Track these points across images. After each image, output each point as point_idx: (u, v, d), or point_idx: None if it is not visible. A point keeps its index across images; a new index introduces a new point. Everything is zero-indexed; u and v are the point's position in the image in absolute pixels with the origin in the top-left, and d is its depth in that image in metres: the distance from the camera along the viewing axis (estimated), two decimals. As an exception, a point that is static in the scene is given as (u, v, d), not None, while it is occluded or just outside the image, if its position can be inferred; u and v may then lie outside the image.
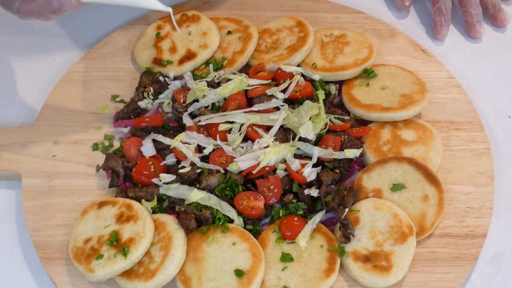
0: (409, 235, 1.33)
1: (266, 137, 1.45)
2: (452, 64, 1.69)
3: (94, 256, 1.30)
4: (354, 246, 1.34)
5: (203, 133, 1.48)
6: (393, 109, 1.50)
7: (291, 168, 1.41)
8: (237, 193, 1.40)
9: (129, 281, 1.29)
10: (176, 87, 1.57)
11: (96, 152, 1.52)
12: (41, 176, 1.47)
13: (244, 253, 1.32)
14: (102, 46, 1.69)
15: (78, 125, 1.56)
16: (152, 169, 1.44)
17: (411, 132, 1.50)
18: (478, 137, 1.52)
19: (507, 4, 1.79)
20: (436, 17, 1.73)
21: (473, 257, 1.36)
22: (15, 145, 1.52)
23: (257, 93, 1.52)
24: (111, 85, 1.62)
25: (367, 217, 1.37)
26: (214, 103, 1.53)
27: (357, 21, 1.73)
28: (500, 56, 1.71)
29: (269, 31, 1.68)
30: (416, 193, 1.40)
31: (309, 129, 1.45)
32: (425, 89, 1.54)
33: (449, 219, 1.41)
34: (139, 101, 1.57)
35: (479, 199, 1.43)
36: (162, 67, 1.61)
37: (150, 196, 1.42)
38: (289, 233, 1.35)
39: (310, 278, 1.31)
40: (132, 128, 1.53)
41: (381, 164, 1.44)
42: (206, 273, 1.31)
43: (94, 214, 1.38)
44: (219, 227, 1.36)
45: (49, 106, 1.58)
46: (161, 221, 1.36)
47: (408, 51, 1.67)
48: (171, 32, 1.67)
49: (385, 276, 1.30)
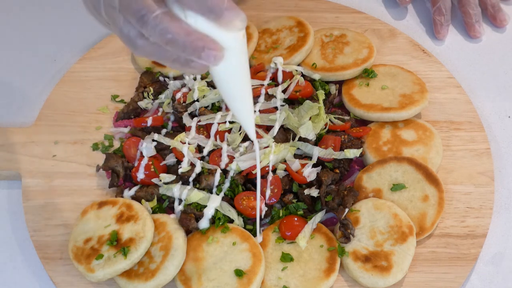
0: (409, 235, 1.34)
1: (266, 137, 1.45)
2: (452, 64, 1.69)
3: (94, 256, 1.30)
4: (354, 246, 1.34)
5: (203, 133, 1.48)
6: (393, 109, 1.50)
7: (291, 168, 1.41)
8: (237, 193, 1.40)
9: (129, 281, 1.29)
10: (176, 87, 1.57)
11: (96, 152, 1.52)
12: (41, 176, 1.47)
13: (244, 253, 1.32)
14: (102, 46, 1.69)
15: (78, 125, 1.56)
16: (152, 169, 1.44)
17: (411, 132, 1.50)
18: (478, 137, 1.52)
19: (507, 4, 1.79)
20: (436, 16, 1.73)
21: (473, 257, 1.36)
22: (15, 145, 1.52)
23: (257, 93, 1.52)
24: (111, 85, 1.62)
25: (367, 217, 1.37)
26: (214, 103, 1.53)
27: (357, 21, 1.73)
28: (500, 56, 1.71)
29: (269, 31, 1.68)
30: (416, 193, 1.40)
31: (309, 129, 1.45)
32: (425, 89, 1.54)
33: (449, 219, 1.41)
34: (139, 101, 1.57)
35: (479, 199, 1.43)
36: (162, 67, 1.61)
37: (150, 196, 1.42)
38: (289, 233, 1.35)
39: (310, 278, 1.31)
40: (132, 128, 1.53)
41: (381, 164, 1.44)
42: (206, 273, 1.31)
43: (94, 214, 1.38)
44: (219, 227, 1.36)
45: (49, 106, 1.58)
46: (161, 221, 1.36)
47: (408, 51, 1.67)
48: (171, 32, 1.67)
49: (385, 276, 1.30)
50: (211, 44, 1.02)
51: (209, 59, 1.03)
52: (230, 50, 1.04)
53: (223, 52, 1.03)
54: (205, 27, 1.02)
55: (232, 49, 1.04)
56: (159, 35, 1.02)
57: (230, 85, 1.10)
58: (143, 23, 1.02)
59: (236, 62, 1.07)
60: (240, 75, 1.09)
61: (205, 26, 1.02)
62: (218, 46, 1.02)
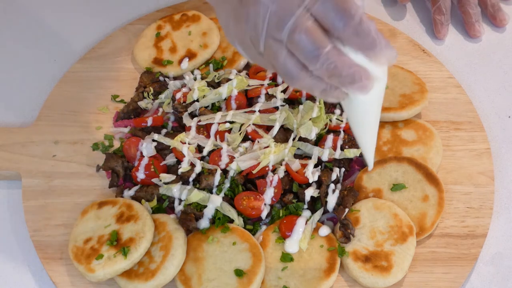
0: (409, 235, 1.34)
1: (266, 137, 1.45)
2: (452, 64, 1.69)
3: (94, 256, 1.30)
4: (354, 246, 1.34)
5: (203, 133, 1.48)
6: (393, 109, 1.50)
7: (291, 168, 1.41)
8: (237, 193, 1.40)
9: (129, 281, 1.29)
10: (176, 87, 1.57)
11: (96, 152, 1.52)
12: (41, 176, 1.47)
13: (244, 253, 1.32)
14: (102, 46, 1.69)
15: (78, 125, 1.56)
16: (152, 169, 1.44)
17: (411, 132, 1.50)
18: (478, 137, 1.52)
19: (507, 4, 1.79)
20: (436, 16, 1.73)
21: (473, 257, 1.36)
22: (15, 145, 1.52)
23: (257, 93, 1.52)
24: (111, 85, 1.62)
25: (367, 217, 1.37)
26: (214, 103, 1.53)
27: (357, 21, 1.72)
28: (499, 56, 1.71)
29: (269, 31, 1.68)
30: (416, 193, 1.40)
31: (309, 129, 1.45)
32: (425, 89, 1.54)
33: (449, 219, 1.41)
34: (139, 101, 1.57)
35: (479, 199, 1.43)
36: (162, 67, 1.61)
37: (150, 196, 1.42)
38: (289, 233, 1.35)
39: (310, 278, 1.31)
40: (132, 128, 1.53)
41: (381, 164, 1.44)
42: (206, 273, 1.31)
43: (94, 214, 1.38)
44: (219, 227, 1.36)
45: (49, 106, 1.58)
46: (161, 221, 1.36)
47: (408, 51, 1.67)
48: (171, 32, 1.67)
49: (385, 276, 1.30)
50: (367, 75, 1.07)
51: (362, 89, 1.07)
52: (377, 82, 1.09)
53: (374, 83, 1.08)
54: (361, 60, 1.07)
55: (379, 81, 1.09)
56: (326, 70, 1.05)
57: (368, 116, 1.15)
58: (314, 58, 1.05)
59: (380, 93, 1.12)
60: (378, 106, 1.14)
61: (362, 60, 1.07)
62: (371, 77, 1.07)
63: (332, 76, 1.06)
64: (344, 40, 1.05)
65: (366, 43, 1.05)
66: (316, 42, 1.04)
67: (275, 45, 1.07)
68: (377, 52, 1.06)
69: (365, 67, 1.06)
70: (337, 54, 1.05)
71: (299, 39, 1.04)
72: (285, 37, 1.05)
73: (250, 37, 1.10)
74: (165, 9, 1.74)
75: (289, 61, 1.07)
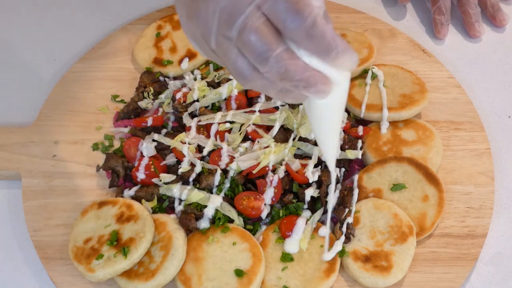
0: (409, 235, 1.34)
1: (266, 137, 1.45)
2: (452, 64, 1.69)
3: (94, 256, 1.30)
4: (354, 246, 1.34)
5: (203, 133, 1.48)
6: (393, 109, 1.50)
7: (291, 168, 1.41)
8: (237, 193, 1.40)
9: (129, 281, 1.29)
10: (176, 87, 1.57)
11: (96, 152, 1.52)
12: (41, 176, 1.47)
13: (244, 253, 1.32)
14: (102, 46, 1.69)
15: (78, 125, 1.56)
16: (152, 169, 1.44)
17: (411, 132, 1.50)
18: (478, 137, 1.52)
19: (507, 4, 1.79)
20: (436, 16, 1.73)
21: (473, 257, 1.36)
22: (15, 145, 1.52)
23: (257, 93, 1.52)
24: (111, 85, 1.62)
25: (367, 217, 1.37)
26: (214, 103, 1.53)
27: (357, 21, 1.73)
28: (499, 56, 1.71)
29: (269, 31, 1.68)
30: (416, 193, 1.40)
31: (309, 129, 1.45)
32: (425, 89, 1.54)
33: (449, 219, 1.41)
34: (139, 101, 1.57)
35: (479, 199, 1.43)
36: (162, 67, 1.61)
37: (150, 196, 1.42)
38: (289, 233, 1.35)
39: (310, 278, 1.31)
40: (132, 128, 1.53)
41: (381, 164, 1.44)
42: (206, 273, 1.31)
43: (94, 214, 1.38)
44: (219, 227, 1.36)
45: (49, 106, 1.58)
46: (161, 221, 1.36)
47: (408, 51, 1.67)
48: (171, 32, 1.67)
49: (385, 276, 1.30)
50: (323, 80, 1.02)
51: (318, 94, 1.03)
52: (336, 87, 1.06)
53: (332, 88, 1.04)
54: (318, 65, 1.03)
55: (338, 86, 1.06)
56: (276, 73, 1.00)
57: (327, 120, 1.12)
58: (263, 60, 1.00)
59: (339, 99, 1.08)
60: (339, 112, 1.11)
61: (318, 64, 1.03)
62: (329, 82, 1.03)
63: (283, 80, 1.01)
64: (297, 42, 1.00)
65: (321, 47, 0.99)
66: (266, 44, 0.98)
67: (226, 43, 1.02)
68: (333, 57, 1.00)
69: (321, 72, 1.02)
70: (289, 57, 1.00)
71: (248, 39, 0.98)
72: (234, 35, 1.00)
73: (202, 34, 1.05)
74: (165, 9, 1.74)
75: (240, 60, 1.02)
